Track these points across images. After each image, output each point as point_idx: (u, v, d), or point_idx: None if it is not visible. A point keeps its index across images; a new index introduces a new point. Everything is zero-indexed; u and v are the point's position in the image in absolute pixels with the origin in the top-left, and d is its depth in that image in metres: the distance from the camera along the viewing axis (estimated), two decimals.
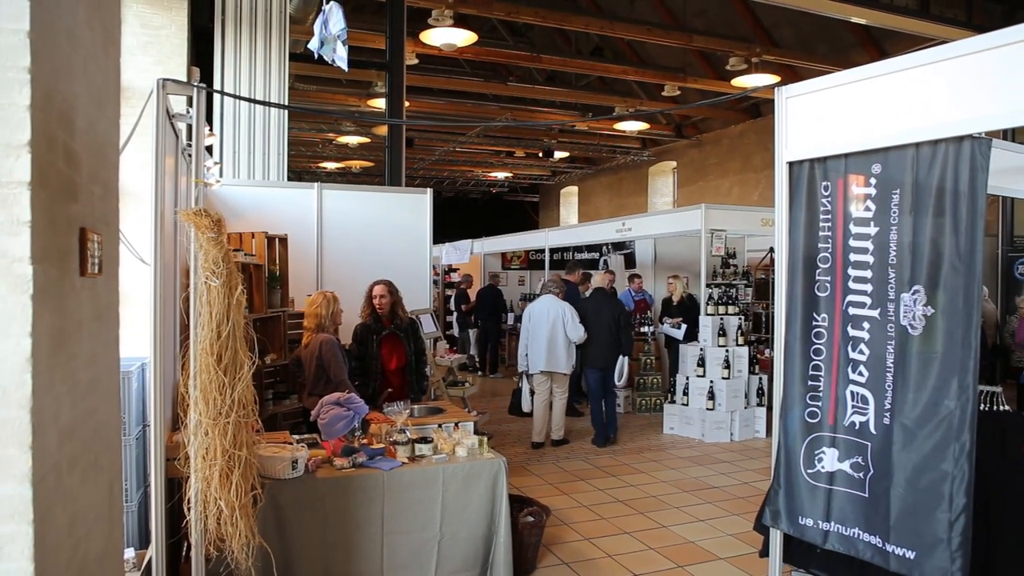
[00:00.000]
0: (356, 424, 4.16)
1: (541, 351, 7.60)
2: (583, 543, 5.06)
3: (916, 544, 3.12)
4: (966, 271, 2.99)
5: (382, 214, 6.89)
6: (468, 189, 25.64)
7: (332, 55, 4.75)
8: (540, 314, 7.70)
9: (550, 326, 7.59)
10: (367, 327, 5.49)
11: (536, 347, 7.65)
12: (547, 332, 7.58)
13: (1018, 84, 2.82)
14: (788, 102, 3.68)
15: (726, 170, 17.08)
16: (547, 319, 7.62)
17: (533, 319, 7.73)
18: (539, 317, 7.69)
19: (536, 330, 7.67)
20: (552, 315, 7.62)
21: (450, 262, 15.52)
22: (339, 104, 13.93)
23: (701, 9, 13.21)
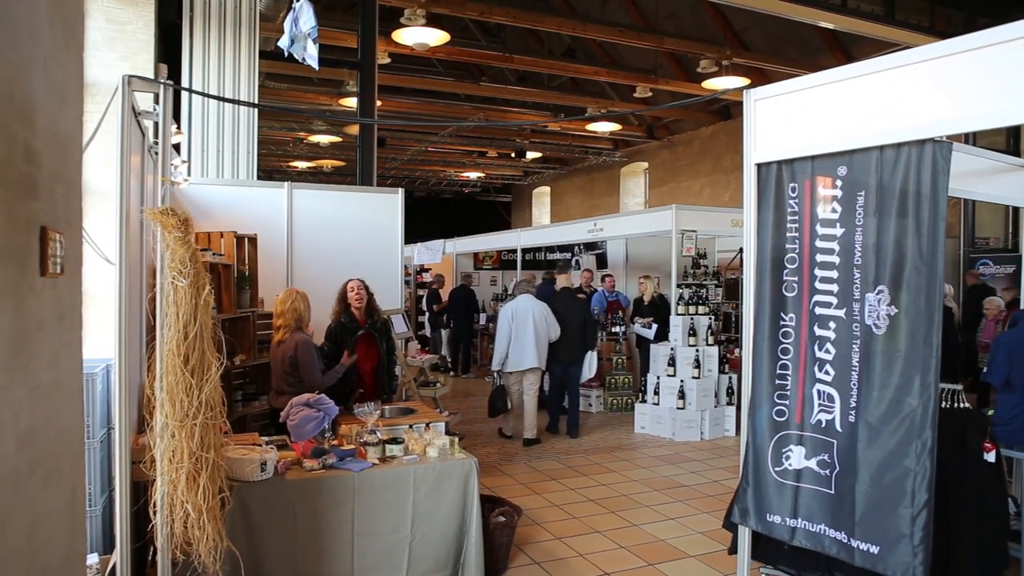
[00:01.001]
0: (326, 425, 4.13)
1: (531, 349, 7.74)
2: (555, 542, 5.08)
3: (880, 539, 3.18)
4: (928, 272, 3.06)
5: (353, 214, 6.84)
6: (440, 189, 25.59)
7: (302, 53, 4.72)
8: (524, 313, 7.81)
9: (535, 324, 7.77)
10: (342, 326, 5.38)
11: (525, 345, 7.76)
12: (533, 330, 7.75)
13: (977, 89, 2.89)
14: (756, 104, 3.73)
15: (697, 171, 17.25)
16: (531, 318, 7.78)
17: (517, 318, 7.81)
18: (523, 316, 7.79)
19: (522, 329, 7.78)
20: (536, 314, 7.81)
21: (422, 262, 15.49)
22: (310, 103, 13.81)
23: (672, 11, 13.32)
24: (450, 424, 5.39)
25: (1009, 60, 2.79)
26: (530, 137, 18.75)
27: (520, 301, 7.97)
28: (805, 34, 12.35)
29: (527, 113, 16.70)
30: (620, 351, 10.01)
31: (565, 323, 8.13)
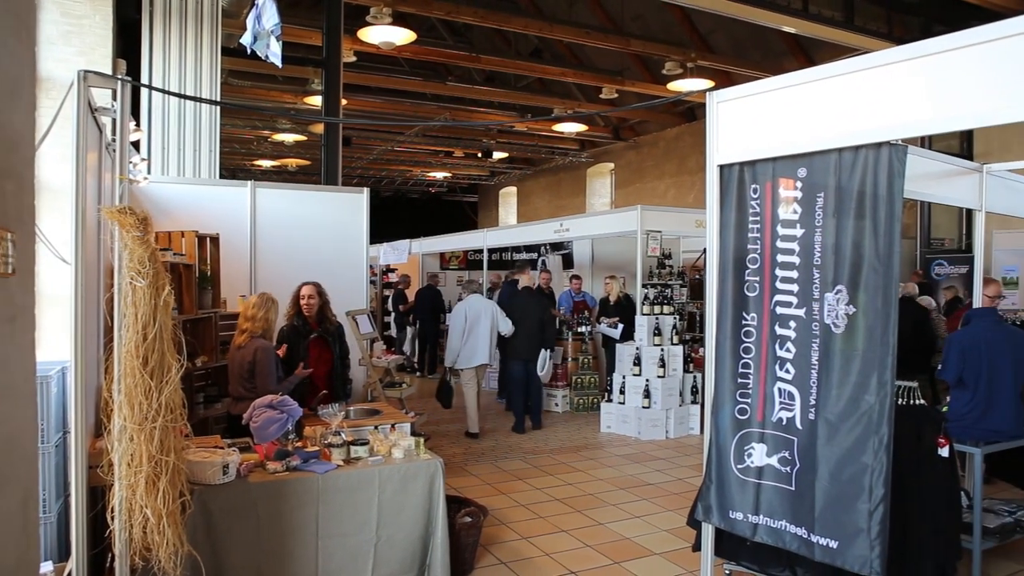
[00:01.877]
0: (290, 427, 4.08)
1: (483, 346, 8.13)
2: (521, 542, 5.09)
3: (839, 534, 3.24)
4: (885, 271, 3.13)
5: (318, 213, 6.77)
6: (407, 189, 25.45)
7: (266, 51, 4.65)
8: (477, 312, 8.18)
9: (490, 322, 8.17)
10: (295, 329, 5.30)
11: (479, 343, 8.13)
12: (488, 328, 8.14)
13: (932, 94, 2.96)
14: (719, 106, 3.77)
15: (663, 172, 17.41)
16: (485, 316, 8.18)
17: (470, 317, 8.15)
18: (476, 315, 8.16)
19: (476, 327, 8.13)
20: (489, 312, 8.22)
21: (388, 262, 15.40)
22: (274, 101, 13.62)
23: (638, 13, 13.42)
24: (416, 425, 5.37)
25: (962, 66, 2.86)
26: (497, 137, 18.75)
27: (472, 300, 8.34)
28: (768, 38, 12.53)
29: (494, 113, 16.69)
30: (586, 351, 10.05)
31: (525, 321, 8.50)
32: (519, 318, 8.52)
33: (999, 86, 2.77)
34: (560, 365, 9.96)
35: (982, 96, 2.82)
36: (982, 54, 2.81)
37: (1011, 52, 2.72)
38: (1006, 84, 2.75)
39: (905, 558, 3.62)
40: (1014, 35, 2.71)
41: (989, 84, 2.79)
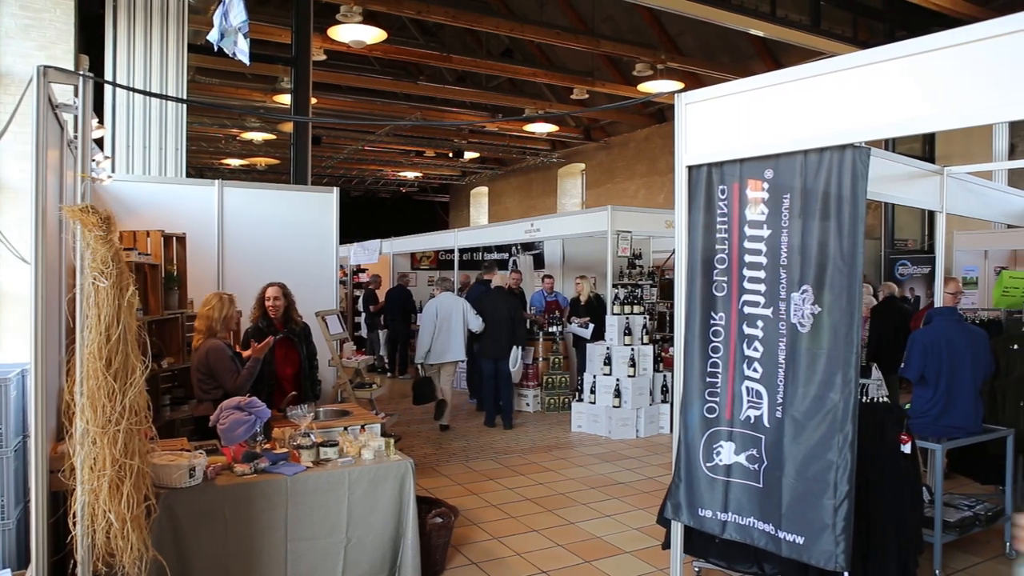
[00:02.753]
0: (258, 429, 4.03)
1: (455, 342, 8.43)
2: (492, 542, 5.08)
3: (805, 530, 3.29)
4: (849, 271, 3.18)
5: (287, 213, 6.70)
6: (377, 189, 25.31)
7: (233, 48, 4.61)
8: (449, 309, 8.47)
9: (460, 319, 8.46)
10: (259, 331, 5.22)
11: (451, 339, 8.42)
12: (460, 325, 8.43)
13: (895, 97, 3.02)
14: (687, 108, 3.81)
15: (633, 173, 17.52)
16: (456, 313, 8.47)
17: (441, 314, 8.43)
18: (447, 312, 8.44)
19: (447, 324, 8.42)
20: (460, 309, 8.52)
21: (358, 262, 15.29)
22: (243, 99, 13.47)
23: (609, 15, 13.50)
24: (386, 425, 5.34)
25: (924, 70, 2.92)
26: (468, 137, 18.73)
27: (443, 298, 8.63)
28: (737, 40, 12.68)
29: (465, 113, 16.67)
30: (557, 351, 10.08)
31: (496, 320, 8.71)
32: (489, 317, 8.73)
33: (959, 91, 2.83)
34: (531, 365, 9.98)
35: (943, 101, 2.89)
36: (943, 59, 2.87)
37: (970, 58, 2.79)
38: (965, 89, 2.81)
39: (869, 552, 3.69)
40: (973, 41, 2.78)
41: (950, 89, 2.86)
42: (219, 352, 4.63)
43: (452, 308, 8.49)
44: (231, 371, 4.59)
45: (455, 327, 8.43)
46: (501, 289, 9.21)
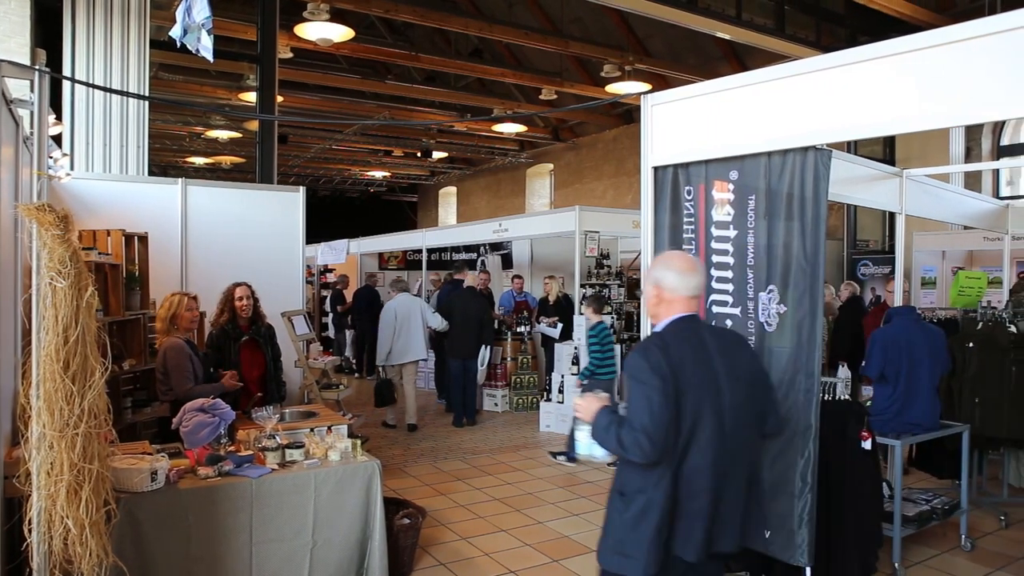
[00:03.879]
0: (222, 431, 3.98)
1: (416, 342, 8.56)
2: (460, 543, 5.08)
3: (771, 524, 3.34)
4: (811, 271, 3.24)
5: (252, 212, 6.62)
6: (345, 188, 25.09)
7: (196, 44, 4.53)
8: (407, 309, 8.59)
9: (419, 319, 8.60)
10: (224, 332, 5.17)
11: (411, 338, 8.53)
12: (419, 324, 8.57)
13: (855, 100, 3.07)
14: (653, 109, 3.84)
15: (601, 173, 17.61)
16: (415, 313, 8.60)
17: (400, 316, 8.51)
18: (405, 313, 8.55)
19: (406, 324, 8.52)
20: (418, 309, 8.67)
21: (326, 262, 15.17)
22: (207, 96, 13.26)
23: (577, 16, 13.55)
24: (353, 427, 5.30)
25: (883, 74, 2.98)
26: (436, 137, 18.67)
27: (400, 299, 8.69)
28: (704, 43, 12.81)
29: (433, 113, 16.61)
30: (525, 351, 10.10)
31: (465, 320, 8.82)
32: (459, 317, 8.83)
33: (915, 95, 2.89)
34: (500, 365, 9.99)
35: (900, 104, 2.95)
36: (900, 64, 2.93)
37: (925, 64, 2.85)
38: (921, 93, 2.87)
39: (831, 546, 3.76)
40: (929, 47, 2.84)
41: (907, 93, 2.92)
42: (177, 352, 4.55)
43: (410, 308, 8.61)
44: (186, 374, 4.52)
45: (414, 327, 8.55)
46: (472, 289, 9.32)
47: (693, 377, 2.41)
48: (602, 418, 2.48)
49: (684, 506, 2.41)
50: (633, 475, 2.46)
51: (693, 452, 2.40)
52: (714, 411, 2.42)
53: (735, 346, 2.61)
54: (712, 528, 2.44)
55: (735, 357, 2.54)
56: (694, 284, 2.55)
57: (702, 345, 2.49)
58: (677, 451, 2.39)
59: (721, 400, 2.44)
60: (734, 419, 2.46)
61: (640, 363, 2.42)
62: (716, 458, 2.41)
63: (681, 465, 2.41)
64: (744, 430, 2.51)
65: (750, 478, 2.57)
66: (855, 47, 3.14)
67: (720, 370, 2.46)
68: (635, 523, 2.42)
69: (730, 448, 2.45)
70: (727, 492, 2.46)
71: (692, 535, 2.41)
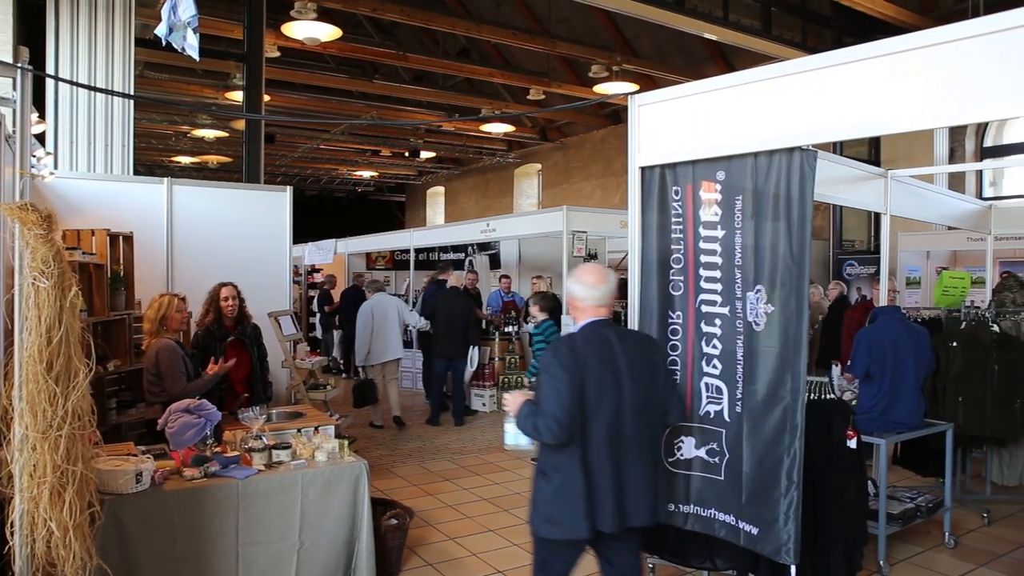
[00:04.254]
0: (208, 432, 3.95)
1: (393, 341, 8.64)
2: (448, 543, 5.07)
3: (759, 521, 3.36)
4: (797, 271, 3.26)
5: (239, 212, 6.58)
6: (333, 188, 24.99)
7: (182, 43, 4.49)
8: (384, 309, 8.65)
9: (396, 318, 8.67)
10: (210, 333, 5.15)
11: (388, 338, 8.60)
12: (396, 324, 8.65)
13: (841, 102, 3.10)
14: (641, 110, 3.85)
15: (589, 173, 17.64)
16: (392, 312, 8.66)
17: (376, 315, 8.57)
18: (383, 312, 8.62)
19: (383, 324, 8.58)
20: (394, 308, 8.74)
21: (313, 262, 15.11)
22: (194, 95, 13.17)
23: (565, 16, 13.56)
24: (340, 427, 5.29)
25: (868, 75, 3.00)
26: (424, 137, 18.63)
27: (377, 299, 8.76)
28: (691, 44, 12.86)
29: (421, 112, 16.57)
30: (513, 351, 10.10)
31: (450, 320, 8.86)
32: (442, 317, 8.90)
33: (900, 96, 2.92)
34: (487, 365, 9.99)
35: (885, 105, 2.97)
36: (885, 66, 2.96)
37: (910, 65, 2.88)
38: (906, 94, 2.90)
39: (816, 544, 3.78)
40: (913, 49, 2.86)
41: (892, 94, 2.94)
42: (170, 352, 4.55)
43: (387, 308, 8.67)
44: (179, 374, 4.51)
45: (391, 326, 8.62)
46: (455, 289, 9.33)
47: (596, 371, 2.83)
48: (523, 409, 2.88)
49: (594, 481, 2.83)
50: (550, 456, 2.91)
51: (594, 434, 2.83)
52: (613, 401, 2.84)
53: (639, 346, 3.02)
54: (621, 503, 2.85)
55: (638, 356, 2.94)
56: (599, 295, 2.97)
57: (607, 345, 2.89)
58: (581, 434, 2.82)
59: (621, 392, 2.85)
60: (632, 408, 2.87)
61: (551, 359, 2.86)
62: (613, 440, 2.85)
63: (586, 446, 2.83)
64: (643, 418, 2.92)
65: (654, 460, 3.01)
66: (840, 48, 3.16)
67: (622, 367, 2.87)
68: (556, 497, 2.86)
69: (630, 434, 2.87)
70: (631, 471, 2.88)
71: (604, 508, 2.84)
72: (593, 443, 2.83)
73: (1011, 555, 4.88)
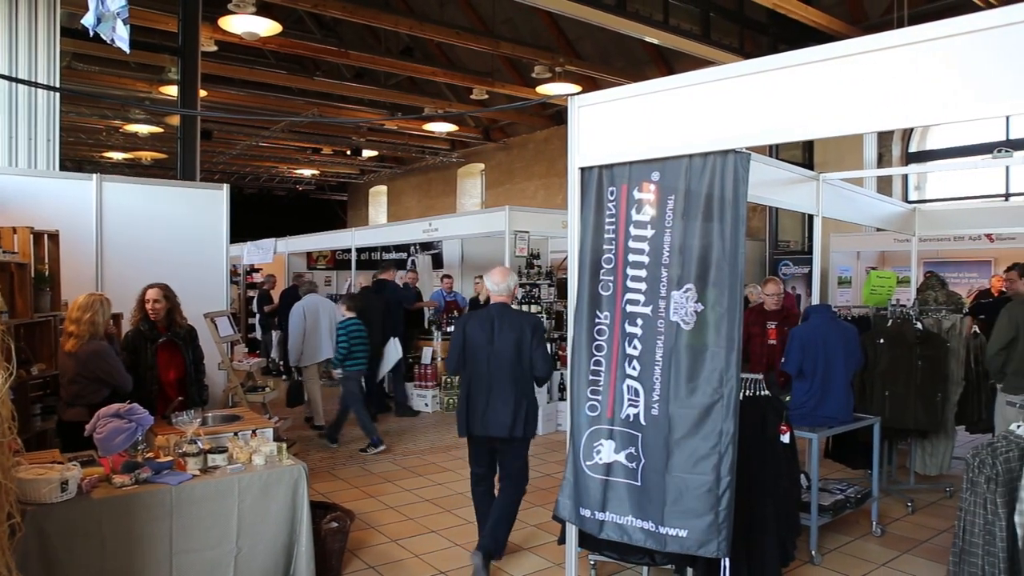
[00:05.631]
0: (139, 437, 3.83)
1: (325, 342, 8.61)
2: (390, 545, 5.03)
3: (688, 523, 3.38)
4: (731, 271, 3.32)
5: (173, 210, 6.41)
6: (273, 186, 24.51)
7: (111, 34, 4.34)
8: (316, 310, 8.69)
9: (328, 320, 8.69)
10: (140, 334, 5.01)
11: (321, 339, 8.62)
12: (327, 325, 8.65)
13: (774, 106, 3.18)
14: (580, 111, 3.88)
15: (532, 173, 17.73)
16: (324, 313, 8.72)
17: (308, 316, 8.59)
18: (314, 312, 8.65)
19: (315, 324, 8.61)
20: (327, 310, 8.81)
21: (252, 262, 14.81)
22: (126, 89, 12.75)
23: (509, 17, 13.60)
24: (279, 430, 5.19)
25: (800, 81, 3.09)
26: (366, 135, 18.43)
27: (308, 300, 8.78)
28: (632, 47, 13.04)
29: (363, 111, 16.39)
30: None
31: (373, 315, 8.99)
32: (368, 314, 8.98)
33: (830, 102, 3.01)
34: (430, 365, 9.96)
35: (816, 110, 3.07)
36: (816, 72, 3.05)
37: (840, 72, 2.98)
38: (836, 100, 3.00)
39: (751, 538, 3.87)
40: (844, 56, 2.96)
41: (822, 99, 3.04)
42: (109, 352, 4.51)
43: (318, 308, 8.72)
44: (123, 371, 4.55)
45: (322, 328, 8.62)
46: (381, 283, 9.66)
47: (474, 332, 4.50)
48: None
49: (472, 402, 4.48)
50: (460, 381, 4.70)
51: (473, 372, 4.50)
52: (485, 352, 4.45)
53: (512, 320, 4.49)
54: (485, 418, 4.43)
55: (507, 326, 4.45)
56: (501, 288, 4.58)
57: (490, 318, 4.50)
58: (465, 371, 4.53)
59: (492, 347, 4.43)
60: (498, 358, 4.43)
61: (456, 325, 4.73)
62: (484, 376, 4.44)
63: (468, 379, 4.52)
64: (506, 366, 4.42)
65: (517, 396, 4.42)
66: (775, 54, 3.24)
67: (495, 331, 4.45)
68: (458, 404, 4.63)
69: (497, 375, 4.42)
70: (496, 399, 4.41)
71: (475, 419, 4.48)
72: (473, 378, 4.48)
73: (932, 541, 5.10)
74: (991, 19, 2.62)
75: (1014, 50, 2.56)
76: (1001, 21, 2.59)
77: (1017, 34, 2.56)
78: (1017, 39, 2.56)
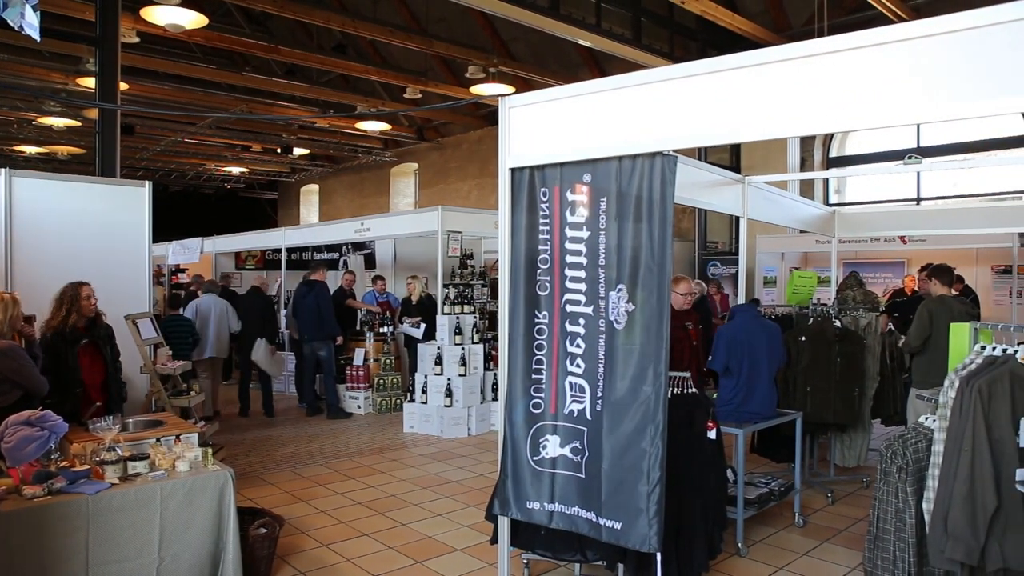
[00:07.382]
0: (52, 445, 3.66)
1: (210, 341, 8.94)
2: (321, 550, 4.94)
3: (622, 515, 3.47)
4: (658, 271, 3.39)
5: (91, 208, 6.13)
6: (200, 184, 23.75)
7: (19, 20, 4.12)
8: (208, 309, 9.06)
9: (218, 319, 9.05)
10: (61, 336, 4.80)
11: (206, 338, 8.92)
12: (215, 325, 9.02)
13: (700, 110, 3.26)
14: (511, 112, 3.90)
15: (466, 174, 17.70)
16: (215, 313, 9.05)
17: (201, 313, 8.97)
18: (208, 311, 9.03)
19: (206, 324, 8.97)
20: (220, 310, 9.13)
21: (178, 262, 14.35)
22: (39, 79, 12.16)
23: (443, 16, 13.54)
24: (205, 435, 5.05)
25: (726, 85, 3.18)
26: (297, 133, 18.07)
27: (204, 299, 9.18)
28: (566, 49, 13.16)
29: (294, 108, 16.07)
30: (388, 351, 9.99)
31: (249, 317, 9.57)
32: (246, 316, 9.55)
33: (754, 107, 3.11)
34: (363, 366, 9.86)
35: (741, 114, 3.16)
36: (741, 77, 3.14)
37: (764, 78, 3.07)
38: (760, 105, 3.09)
39: (680, 532, 3.97)
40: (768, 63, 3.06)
41: (747, 104, 3.13)
42: (21, 352, 4.26)
43: (211, 308, 9.05)
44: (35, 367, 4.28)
45: (211, 328, 8.95)
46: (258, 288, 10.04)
47: None
48: None
49: None
50: None
51: None
52: None
53: None
54: None
55: None
56: None
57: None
58: None
59: None
60: None
61: None
62: None
63: None
64: None
65: None
66: (704, 59, 3.32)
67: None
68: None
69: None
70: None
71: None
72: None
73: (850, 530, 5.32)
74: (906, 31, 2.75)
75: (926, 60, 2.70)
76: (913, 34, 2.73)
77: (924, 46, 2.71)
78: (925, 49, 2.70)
